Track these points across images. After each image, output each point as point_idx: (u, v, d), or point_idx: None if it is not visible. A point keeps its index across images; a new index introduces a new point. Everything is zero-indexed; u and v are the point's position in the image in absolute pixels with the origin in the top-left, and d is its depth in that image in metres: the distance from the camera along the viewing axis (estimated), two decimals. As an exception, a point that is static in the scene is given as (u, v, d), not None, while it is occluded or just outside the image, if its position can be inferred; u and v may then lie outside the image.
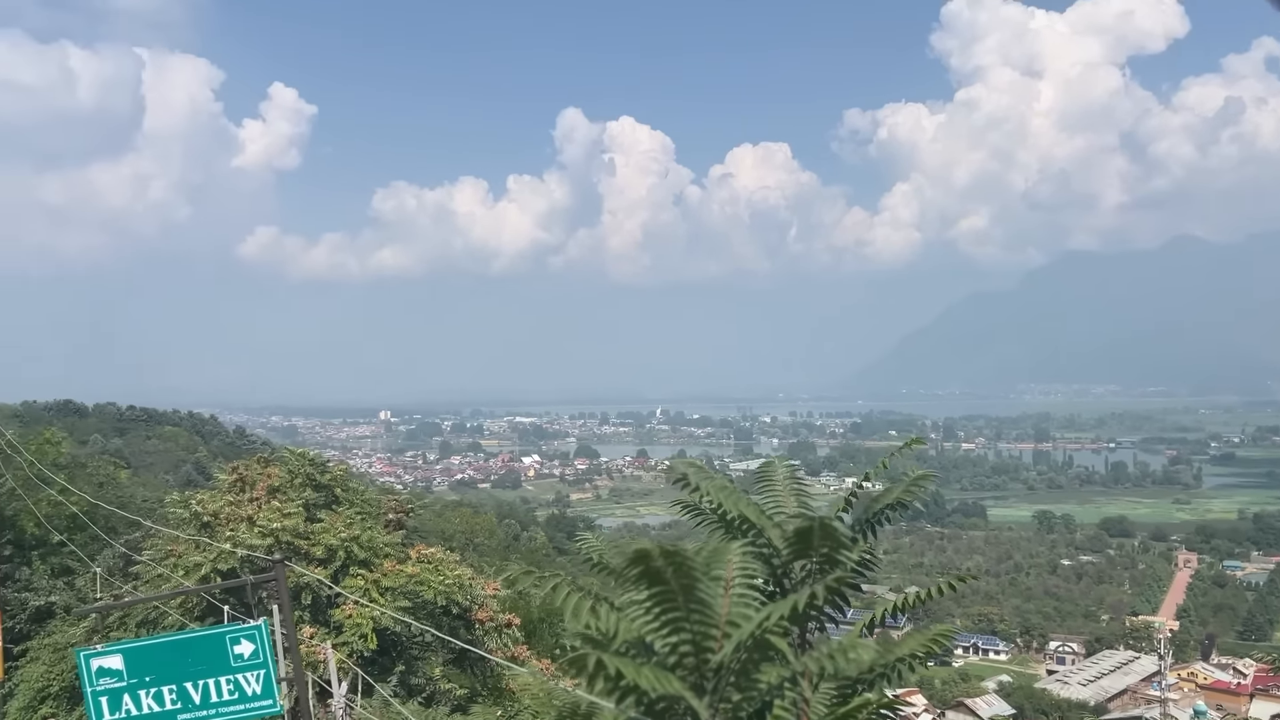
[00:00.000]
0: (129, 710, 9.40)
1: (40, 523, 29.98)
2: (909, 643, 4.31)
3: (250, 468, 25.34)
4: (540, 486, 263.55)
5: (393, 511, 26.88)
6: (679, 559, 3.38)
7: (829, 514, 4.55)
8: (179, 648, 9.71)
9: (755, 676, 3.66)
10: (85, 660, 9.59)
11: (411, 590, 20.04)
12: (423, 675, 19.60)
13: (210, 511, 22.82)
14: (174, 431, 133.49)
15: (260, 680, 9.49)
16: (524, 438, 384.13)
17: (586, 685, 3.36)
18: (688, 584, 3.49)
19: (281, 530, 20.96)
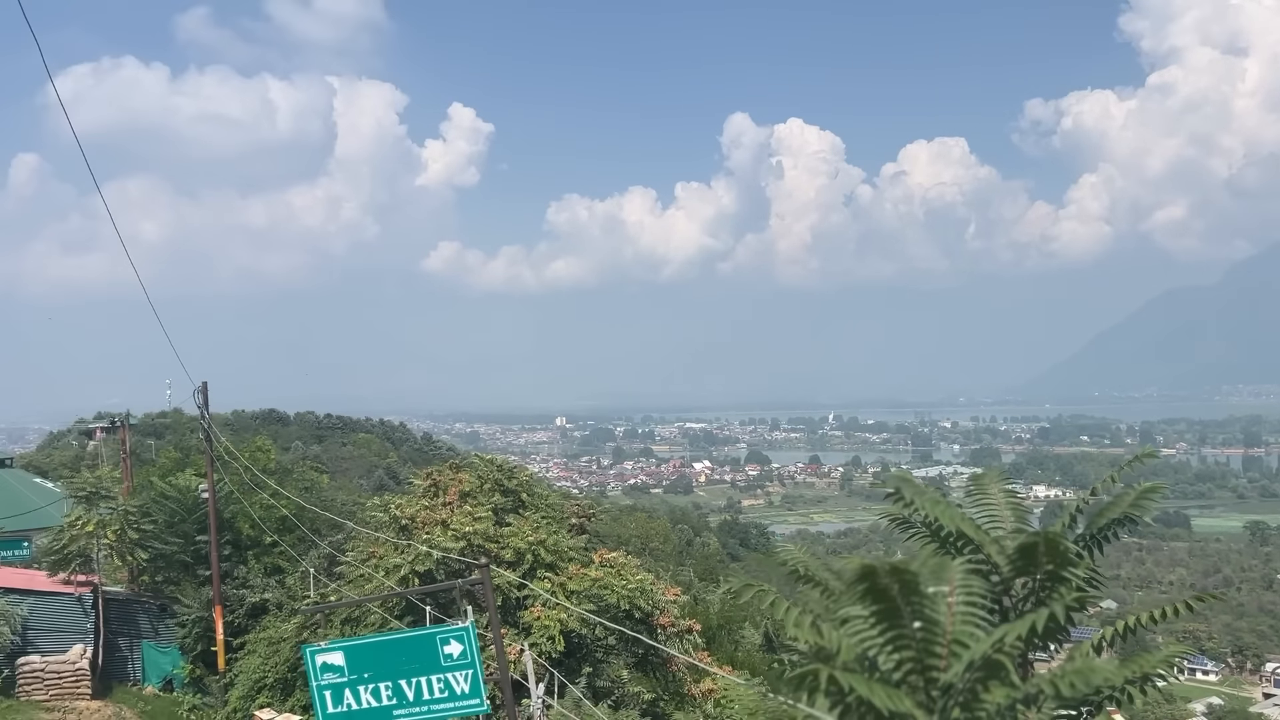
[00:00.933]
0: (350, 704, 10.05)
1: (255, 524, 32.26)
2: (1144, 663, 4.11)
3: (442, 473, 26.49)
4: (711, 492, 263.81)
5: (575, 516, 27.52)
6: (906, 576, 3.35)
7: (1053, 528, 4.39)
8: (394, 647, 10.29)
9: (983, 697, 3.58)
10: (310, 656, 10.31)
11: (596, 594, 20.45)
12: (608, 678, 19.96)
13: (407, 515, 24.00)
14: (367, 438, 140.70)
15: (468, 680, 9.94)
16: (694, 443, 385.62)
17: (807, 699, 3.37)
18: (915, 601, 3.45)
19: (473, 534, 21.82)
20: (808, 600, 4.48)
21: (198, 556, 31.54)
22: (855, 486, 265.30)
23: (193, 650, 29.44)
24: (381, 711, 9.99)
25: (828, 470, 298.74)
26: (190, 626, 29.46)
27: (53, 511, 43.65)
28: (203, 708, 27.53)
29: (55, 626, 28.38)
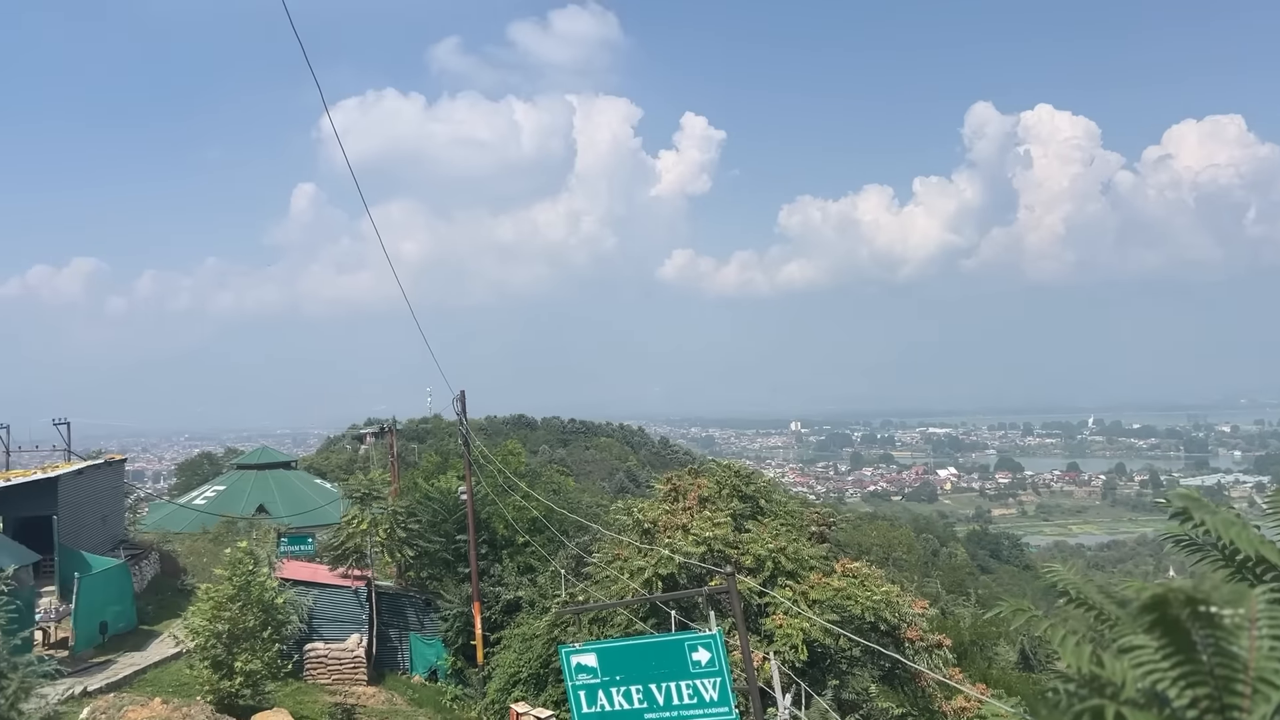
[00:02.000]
0: (603, 705, 10.40)
1: (508, 524, 34.00)
2: None
3: (682, 478, 26.91)
4: (958, 500, 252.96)
5: (815, 524, 27.17)
6: (1203, 608, 3.05)
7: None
8: (644, 651, 10.56)
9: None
10: (566, 656, 10.77)
11: (839, 604, 20.09)
12: (853, 690, 19.56)
13: (649, 519, 24.54)
14: (608, 442, 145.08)
15: (717, 687, 10.05)
16: (938, 449, 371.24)
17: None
18: (1211, 633, 3.13)
19: (713, 539, 22.00)
20: (1073, 621, 4.19)
21: (458, 554, 33.62)
22: (1120, 496, 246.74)
23: (454, 643, 31.39)
24: (633, 714, 10.26)
25: (1088, 478, 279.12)
26: (452, 620, 31.44)
27: (331, 510, 47.95)
28: (464, 698, 29.26)
29: (336, 616, 31.07)
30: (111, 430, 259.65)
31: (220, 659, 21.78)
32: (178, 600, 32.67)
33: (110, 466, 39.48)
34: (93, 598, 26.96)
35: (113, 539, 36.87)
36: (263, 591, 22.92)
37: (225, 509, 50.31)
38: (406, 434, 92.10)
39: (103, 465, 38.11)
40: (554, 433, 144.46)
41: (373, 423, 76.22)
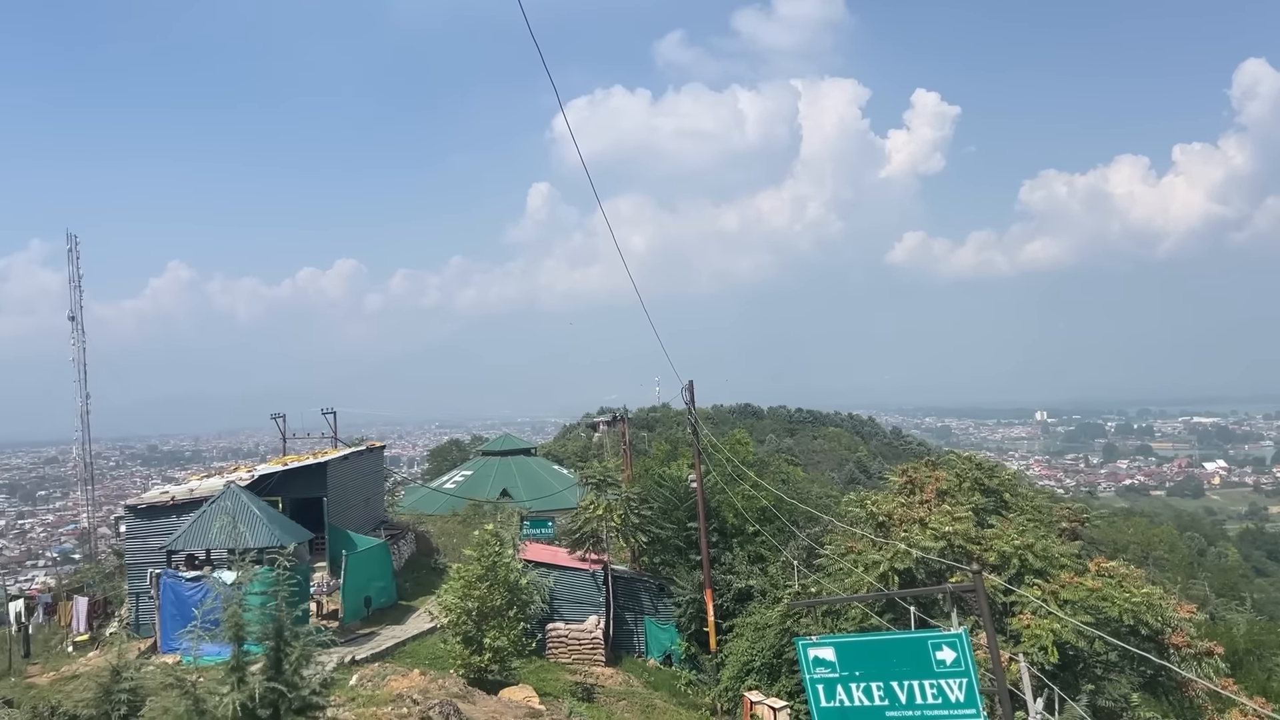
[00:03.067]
0: (842, 700, 10.20)
1: (738, 513, 34.08)
2: None
3: (918, 470, 25.99)
4: (1228, 496, 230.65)
5: (1065, 520, 25.56)
6: None
7: None
8: (884, 648, 10.26)
9: None
10: (803, 649, 10.64)
11: (1093, 605, 18.78)
12: (1110, 697, 18.23)
13: (884, 512, 23.87)
14: (836, 432, 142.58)
15: (963, 689, 9.61)
16: (1204, 440, 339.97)
17: None
18: None
19: (953, 534, 21.11)
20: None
21: (689, 542, 34.06)
22: None
23: (687, 629, 31.83)
24: (874, 711, 10.00)
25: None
26: (685, 606, 31.88)
27: (568, 495, 49.79)
28: (697, 683, 29.61)
29: (574, 598, 32.22)
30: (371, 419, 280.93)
31: (471, 635, 23.07)
32: (432, 578, 34.91)
33: (371, 453, 42.72)
34: (358, 574, 29.27)
35: (374, 519, 39.91)
36: (508, 572, 24.07)
37: (472, 493, 53.36)
38: (637, 422, 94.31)
39: (365, 451, 41.28)
40: (781, 422, 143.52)
41: (605, 411, 78.37)
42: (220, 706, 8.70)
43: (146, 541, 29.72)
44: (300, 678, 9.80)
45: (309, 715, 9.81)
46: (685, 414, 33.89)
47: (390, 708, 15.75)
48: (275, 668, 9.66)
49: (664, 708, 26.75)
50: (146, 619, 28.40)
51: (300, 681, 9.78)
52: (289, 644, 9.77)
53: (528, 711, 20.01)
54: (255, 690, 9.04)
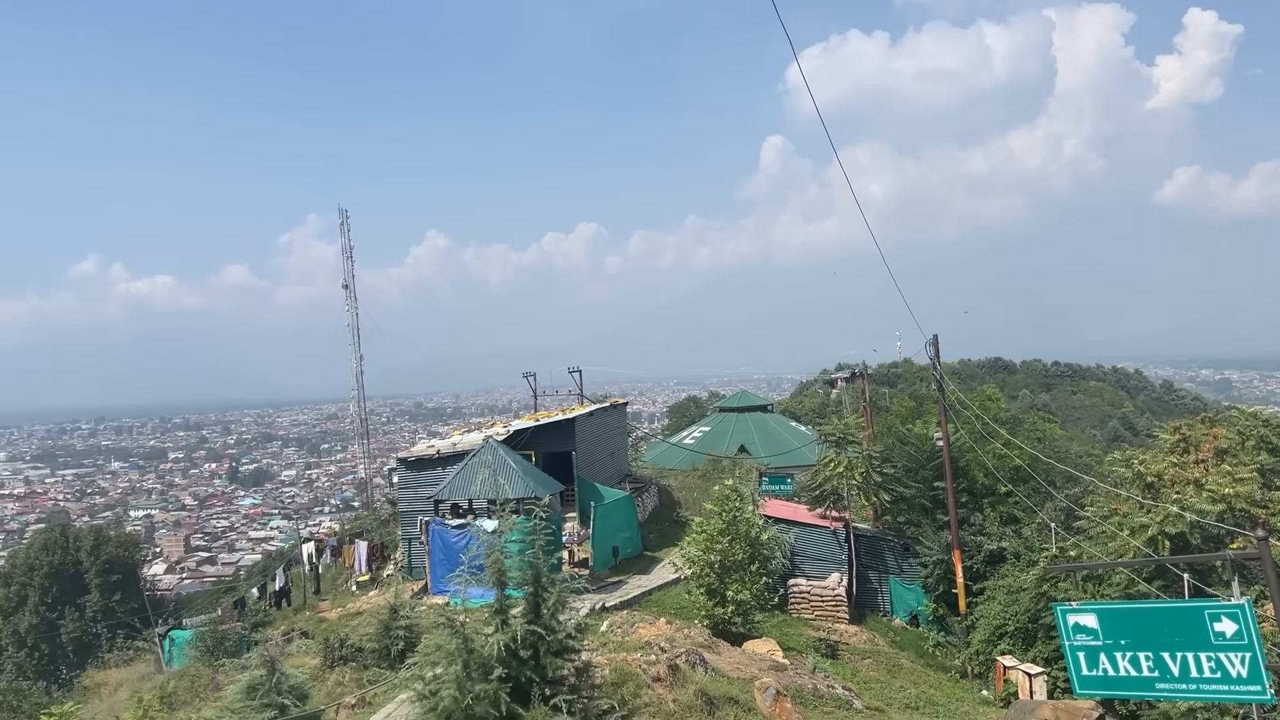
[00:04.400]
0: (1105, 669, 9.61)
1: (988, 473, 32.68)
2: None
3: (1193, 427, 23.94)
4: None
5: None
6: None
7: None
8: (1153, 616, 9.56)
9: None
10: (1062, 615, 10.10)
11: None
12: None
13: (1153, 472, 22.18)
14: (1098, 386, 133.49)
15: (1245, 663, 8.82)
16: None
17: None
18: None
19: (1234, 496, 19.35)
20: None
21: (935, 501, 33.04)
22: None
23: (934, 590, 30.98)
24: (1142, 682, 9.35)
25: None
26: (931, 567, 31.03)
27: (806, 452, 49.50)
28: (946, 645, 28.81)
29: (815, 555, 32.11)
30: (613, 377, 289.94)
31: (714, 587, 23.51)
32: (674, 530, 35.81)
33: (615, 409, 44.20)
34: (606, 524, 30.47)
35: (619, 473, 41.36)
36: (749, 527, 24.29)
37: (710, 448, 54.13)
38: (876, 378, 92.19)
39: (609, 408, 42.76)
40: (1035, 376, 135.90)
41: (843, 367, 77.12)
42: (486, 646, 9.33)
43: (416, 491, 32.27)
44: (557, 622, 10.37)
45: (566, 657, 10.36)
46: (929, 369, 32.75)
47: (639, 654, 16.35)
48: (534, 611, 10.25)
49: (910, 668, 26.24)
50: (418, 562, 30.89)
51: (557, 625, 10.34)
52: (546, 589, 10.35)
53: (771, 664, 20.20)
54: (517, 632, 9.64)
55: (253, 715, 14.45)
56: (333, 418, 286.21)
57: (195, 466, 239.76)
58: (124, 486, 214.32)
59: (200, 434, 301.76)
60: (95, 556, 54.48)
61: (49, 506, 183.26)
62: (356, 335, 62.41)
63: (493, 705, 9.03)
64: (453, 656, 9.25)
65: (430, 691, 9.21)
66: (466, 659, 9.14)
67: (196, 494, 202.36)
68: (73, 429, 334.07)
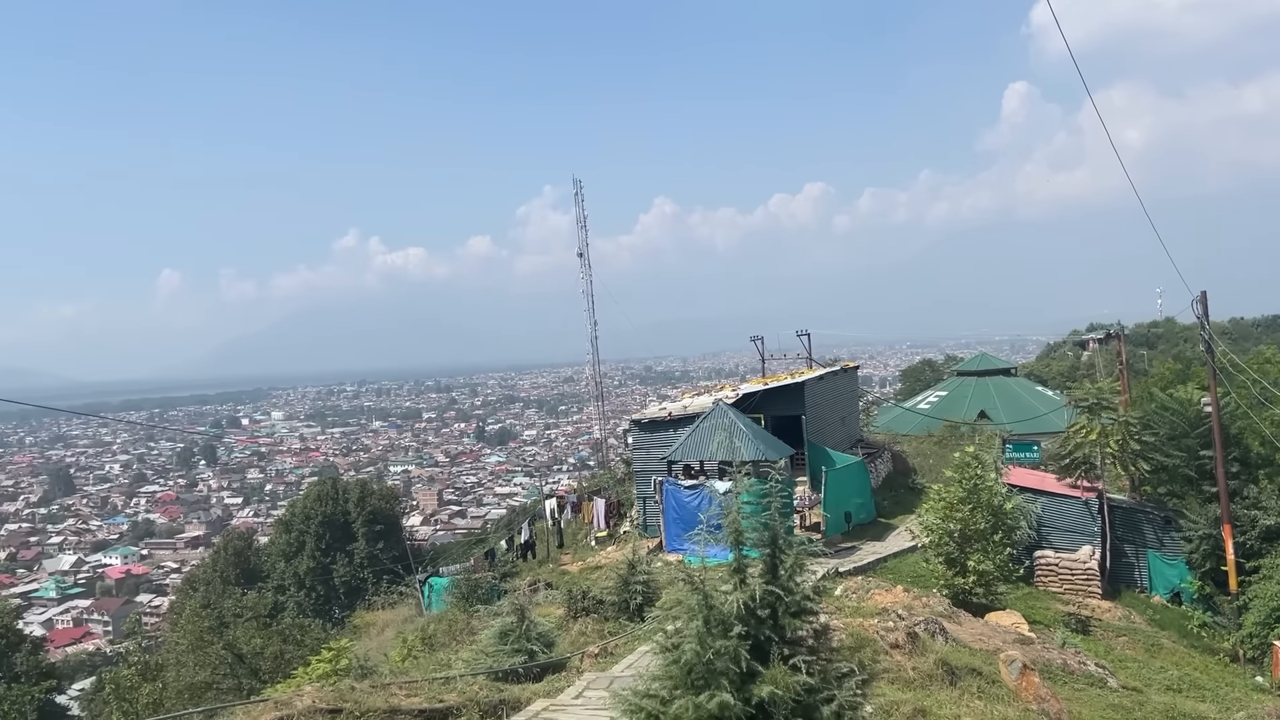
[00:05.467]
0: None
1: (1265, 441, 29.74)
2: None
3: None
4: None
5: None
6: None
7: None
8: None
9: None
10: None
11: None
12: None
13: None
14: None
15: None
16: None
17: None
18: None
19: None
20: None
21: (1202, 472, 30.41)
22: None
23: (1200, 566, 28.59)
24: None
25: None
26: (1197, 542, 28.63)
27: (1054, 418, 46.71)
28: (1213, 626, 26.63)
29: (1064, 526, 30.37)
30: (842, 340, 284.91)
31: (953, 556, 22.76)
32: (909, 497, 34.88)
33: (845, 373, 43.40)
34: (838, 489, 30.09)
35: (850, 438, 40.66)
36: (991, 496, 23.28)
37: (947, 413, 52.16)
38: (1134, 339, 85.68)
39: (839, 372, 42.04)
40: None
41: (1096, 328, 72.21)
42: (725, 603, 9.46)
43: (649, 452, 33.08)
44: (794, 583, 10.32)
45: (803, 618, 10.33)
46: (1196, 329, 30.04)
47: (877, 620, 16.09)
48: (772, 572, 10.26)
49: (1172, 648, 24.42)
50: (652, 521, 31.72)
51: (794, 586, 10.29)
52: (783, 551, 10.34)
53: (1016, 638, 19.34)
54: (756, 591, 9.70)
55: (505, 658, 15.40)
56: (569, 380, 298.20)
57: (446, 426, 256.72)
58: (384, 444, 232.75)
59: (450, 396, 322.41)
60: (361, 508, 59.59)
61: (320, 461, 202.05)
62: (591, 301, 64.36)
63: (733, 661, 9.15)
64: (693, 612, 9.43)
65: (672, 645, 9.44)
66: (707, 615, 9.30)
67: (448, 451, 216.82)
68: (339, 391, 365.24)
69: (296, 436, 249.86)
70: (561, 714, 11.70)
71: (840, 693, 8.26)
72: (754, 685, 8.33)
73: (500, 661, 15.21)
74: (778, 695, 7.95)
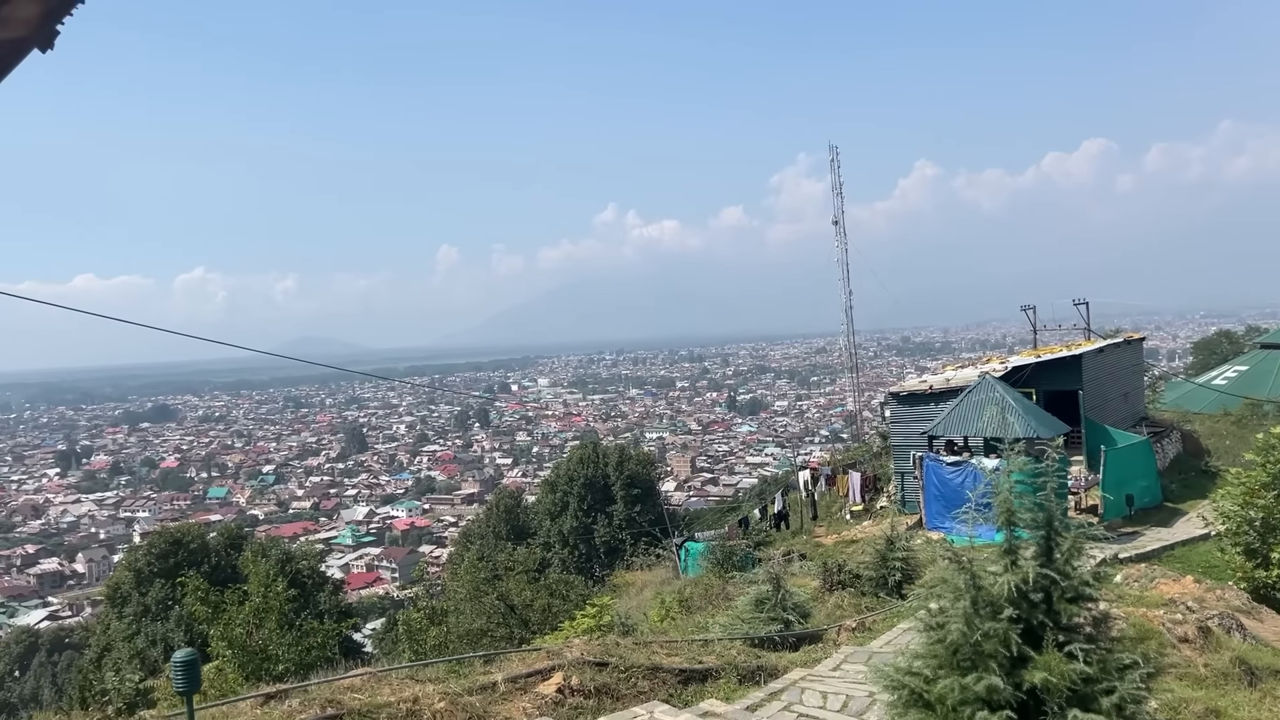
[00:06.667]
0: None
1: None
2: None
3: None
4: None
5: None
6: None
7: None
8: None
9: None
10: None
11: None
12: None
13: None
14: None
15: None
16: None
17: None
18: None
19: None
20: None
21: None
22: None
23: None
24: None
25: None
26: None
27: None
28: None
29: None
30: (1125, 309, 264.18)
31: (1254, 547, 20.62)
32: (1201, 481, 31.95)
33: (1129, 345, 40.21)
34: (1119, 470, 27.98)
35: (1133, 415, 37.67)
36: (1302, 482, 20.86)
37: (1248, 390, 47.16)
38: None
39: (1122, 344, 39.00)
40: None
41: None
42: (995, 585, 9.12)
43: (907, 426, 32.16)
44: (1071, 568, 9.79)
45: (1081, 605, 9.77)
46: None
47: (1163, 611, 14.90)
48: (1046, 555, 9.77)
49: None
50: (911, 497, 30.88)
51: (1071, 571, 9.77)
52: (1059, 534, 9.81)
53: (1330, 642, 17.30)
54: (1028, 574, 9.28)
55: (760, 625, 15.56)
56: (821, 351, 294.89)
57: (699, 395, 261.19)
58: (640, 411, 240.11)
59: (702, 365, 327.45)
60: (620, 472, 61.91)
61: (581, 426, 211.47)
62: (846, 270, 63.20)
63: (1002, 644, 8.83)
64: (960, 592, 9.17)
65: (937, 624, 9.23)
66: (974, 595, 9.02)
67: (700, 420, 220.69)
68: (598, 360, 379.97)
69: (560, 402, 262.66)
70: (819, 684, 11.69)
71: (1122, 685, 7.79)
72: (1025, 670, 8.02)
73: (756, 628, 15.38)
74: (1051, 683, 7.63)
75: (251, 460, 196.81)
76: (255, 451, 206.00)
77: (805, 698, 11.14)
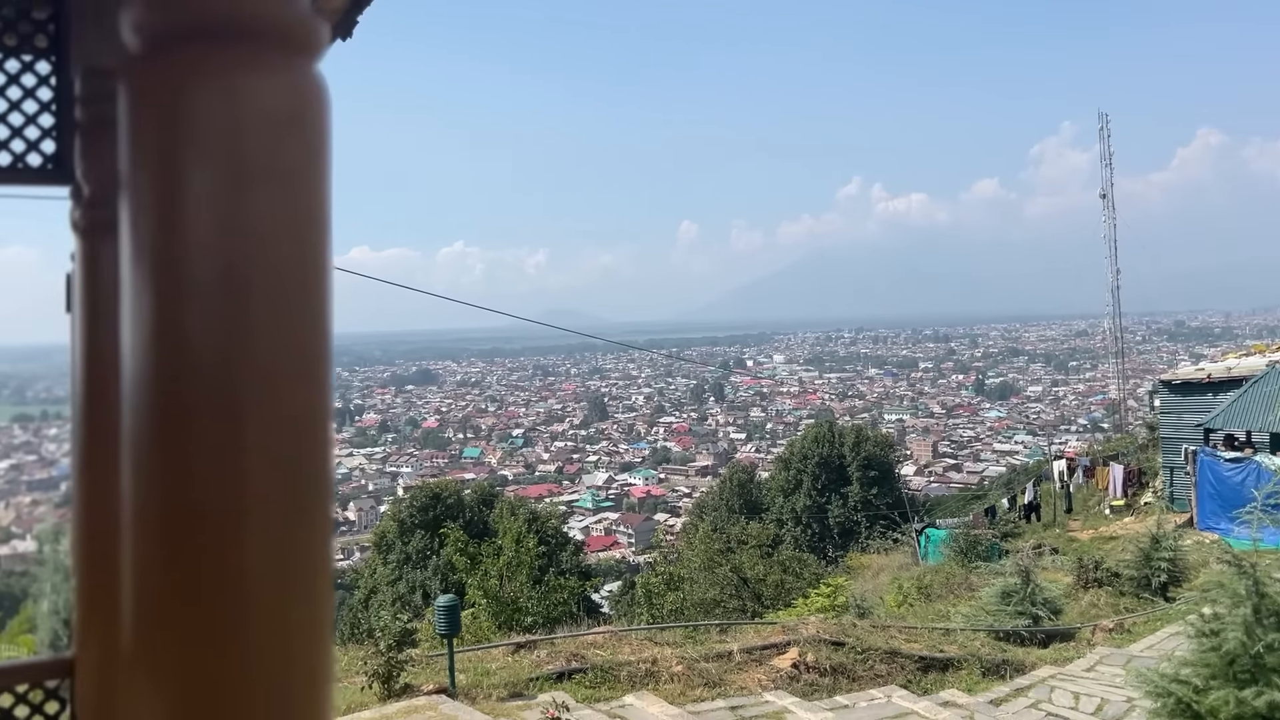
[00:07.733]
0: None
1: None
2: None
3: None
4: None
5: None
6: None
7: None
8: None
9: None
10: None
11: None
12: None
13: None
14: None
15: None
16: None
17: None
18: None
19: None
20: None
21: None
22: None
23: None
24: None
25: None
26: None
27: None
28: None
29: None
30: None
31: None
32: None
33: None
34: None
35: None
36: None
37: None
38: None
39: None
40: None
41: None
42: (1282, 593, 8.38)
43: (1179, 417, 29.65)
44: None
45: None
46: None
47: None
48: (1345, 565, 8.84)
49: None
50: (1180, 494, 28.50)
51: None
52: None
53: None
54: (1324, 585, 8.47)
55: (1007, 619, 14.92)
56: (1082, 334, 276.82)
57: (943, 377, 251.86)
58: (879, 391, 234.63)
59: (948, 346, 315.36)
60: (856, 452, 60.88)
61: (817, 404, 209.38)
62: (1113, 247, 58.69)
63: (1288, 660, 8.15)
64: (1240, 599, 8.49)
65: (1211, 631, 8.60)
66: (1257, 603, 8.33)
67: (944, 403, 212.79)
68: (836, 337, 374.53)
69: (795, 379, 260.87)
70: (1070, 684, 11.10)
71: None
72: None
73: (1001, 621, 14.75)
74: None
75: (503, 424, 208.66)
76: (506, 415, 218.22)
77: (1055, 697, 10.61)
